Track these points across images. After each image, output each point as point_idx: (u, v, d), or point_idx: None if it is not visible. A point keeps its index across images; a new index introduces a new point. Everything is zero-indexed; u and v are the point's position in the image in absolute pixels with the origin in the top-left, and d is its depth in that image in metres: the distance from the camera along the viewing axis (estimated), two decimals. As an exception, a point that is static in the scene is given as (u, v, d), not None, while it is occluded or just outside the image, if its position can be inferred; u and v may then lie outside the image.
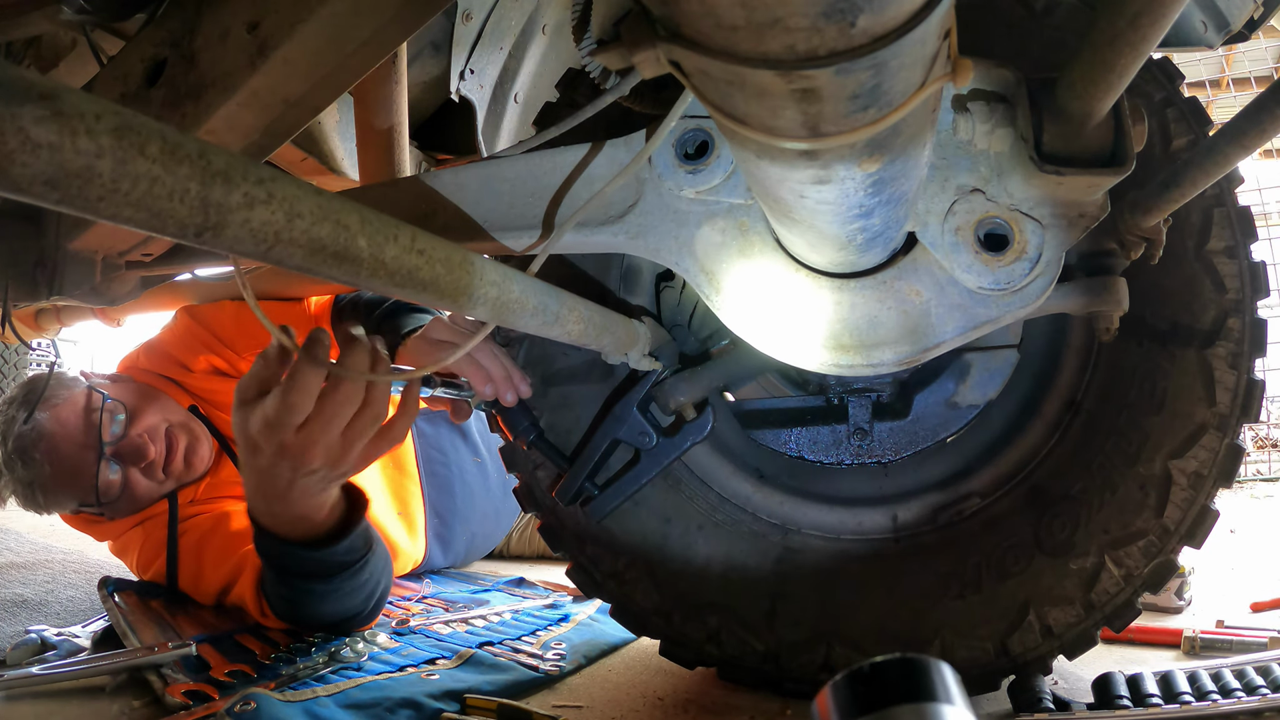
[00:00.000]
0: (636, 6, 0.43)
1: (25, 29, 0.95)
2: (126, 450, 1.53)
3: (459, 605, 1.55)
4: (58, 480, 1.52)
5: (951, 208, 0.74)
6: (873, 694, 0.34)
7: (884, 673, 0.35)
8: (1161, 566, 0.93)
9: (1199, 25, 1.04)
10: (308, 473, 0.95)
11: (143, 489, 1.56)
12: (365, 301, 1.60)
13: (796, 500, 1.06)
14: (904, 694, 0.34)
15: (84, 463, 1.51)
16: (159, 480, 1.57)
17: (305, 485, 0.98)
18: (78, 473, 1.51)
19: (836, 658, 1.00)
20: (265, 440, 0.92)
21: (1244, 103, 0.68)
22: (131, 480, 1.54)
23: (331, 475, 0.97)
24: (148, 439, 1.55)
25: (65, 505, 1.58)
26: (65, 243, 1.17)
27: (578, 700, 1.06)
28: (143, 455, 1.53)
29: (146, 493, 1.57)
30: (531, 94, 1.77)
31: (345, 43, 0.75)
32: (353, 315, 1.62)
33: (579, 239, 0.84)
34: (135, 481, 1.55)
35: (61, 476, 1.52)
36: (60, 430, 1.52)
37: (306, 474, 0.95)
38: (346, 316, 1.65)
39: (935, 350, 0.78)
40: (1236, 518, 2.60)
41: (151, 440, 1.55)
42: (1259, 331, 0.91)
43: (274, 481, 0.98)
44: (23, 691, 1.08)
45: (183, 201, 0.36)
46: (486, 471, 2.03)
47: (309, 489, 1.00)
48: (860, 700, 0.34)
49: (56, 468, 1.51)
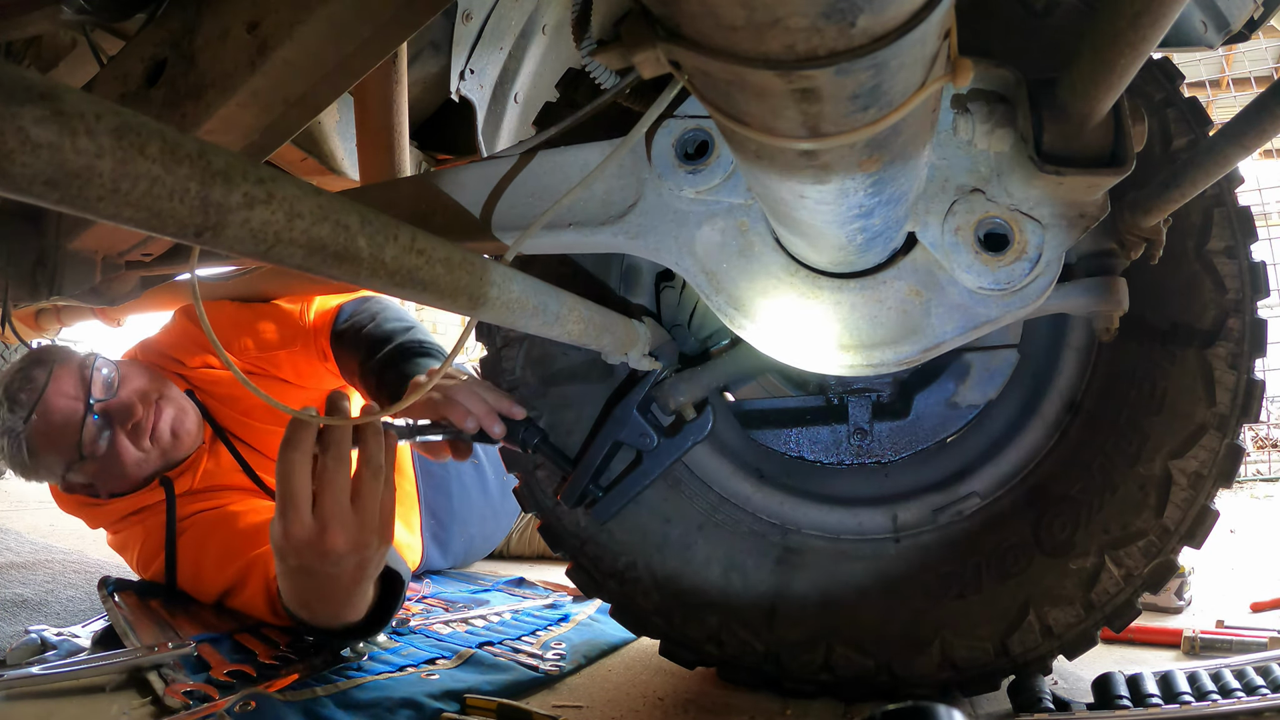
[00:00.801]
0: (636, 6, 0.43)
1: (25, 29, 0.95)
2: (115, 408, 1.54)
3: (459, 605, 1.55)
4: (45, 433, 1.52)
5: (951, 208, 0.74)
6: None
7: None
8: (1161, 566, 0.93)
9: (1199, 25, 1.04)
10: (336, 561, 0.92)
11: (129, 456, 1.55)
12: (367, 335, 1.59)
13: (796, 500, 1.06)
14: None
15: (70, 415, 1.51)
16: (145, 449, 1.56)
17: (338, 578, 0.96)
18: (65, 424, 1.51)
19: (836, 658, 1.00)
20: (284, 542, 0.90)
21: (1244, 103, 0.68)
22: (118, 443, 1.54)
23: (364, 557, 0.94)
24: (136, 400, 1.56)
25: (51, 465, 1.56)
26: (65, 243, 1.17)
27: (578, 700, 1.06)
28: (130, 414, 1.53)
29: (133, 461, 1.56)
30: (531, 94, 1.77)
31: (345, 43, 0.75)
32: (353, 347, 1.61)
33: (579, 238, 0.84)
34: (122, 446, 1.54)
35: (48, 428, 1.51)
36: (53, 384, 1.53)
37: (335, 563, 0.92)
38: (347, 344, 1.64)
39: (935, 350, 0.78)
40: (1236, 518, 2.60)
41: (140, 402, 1.56)
42: (1259, 331, 0.91)
43: (310, 582, 0.97)
44: (23, 691, 1.08)
45: (183, 201, 0.37)
46: (484, 473, 2.02)
47: (343, 582, 0.97)
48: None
49: (44, 417, 1.51)
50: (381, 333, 1.57)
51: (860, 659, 1.00)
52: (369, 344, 1.56)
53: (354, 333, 1.63)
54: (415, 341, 1.49)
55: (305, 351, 1.74)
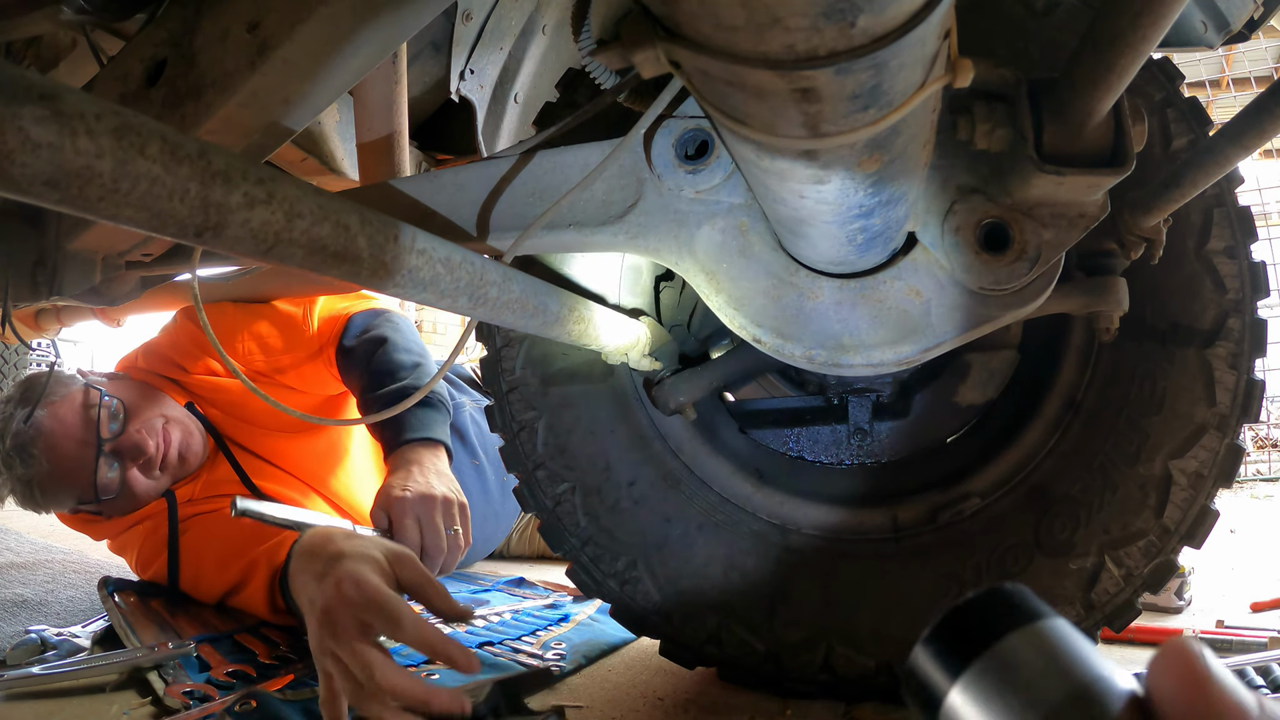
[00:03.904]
0: (636, 6, 0.42)
1: (25, 29, 0.95)
2: (125, 447, 1.53)
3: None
4: (56, 478, 1.52)
5: (951, 208, 0.74)
6: (975, 635, 0.31)
7: (978, 610, 0.32)
8: (1161, 566, 0.93)
9: (1199, 25, 1.04)
10: None
11: (141, 487, 1.56)
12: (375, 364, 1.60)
13: (796, 500, 1.06)
14: (1008, 624, 0.31)
15: (82, 460, 1.51)
16: (155, 477, 1.58)
17: None
18: (76, 470, 1.51)
19: (836, 658, 1.00)
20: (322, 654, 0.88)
21: (1244, 103, 0.68)
22: (129, 478, 1.54)
23: None
24: (145, 435, 1.55)
25: (64, 504, 1.57)
26: (65, 243, 1.17)
27: (578, 700, 1.06)
28: (141, 451, 1.53)
29: (144, 490, 1.57)
30: (531, 94, 1.77)
31: (345, 43, 0.75)
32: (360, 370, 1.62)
33: (579, 239, 0.84)
34: (133, 479, 1.55)
35: (60, 474, 1.51)
36: (59, 428, 1.51)
37: None
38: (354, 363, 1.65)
39: (935, 350, 0.78)
40: (1236, 518, 2.60)
41: (149, 436, 1.55)
42: (1259, 331, 0.91)
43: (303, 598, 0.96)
44: (23, 691, 1.08)
45: (183, 201, 0.37)
46: (484, 473, 2.02)
47: None
48: (965, 646, 0.31)
49: (55, 465, 1.51)
50: (388, 366, 1.60)
51: (860, 659, 1.00)
52: (374, 375, 1.59)
53: (362, 355, 1.65)
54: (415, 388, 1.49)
55: (310, 358, 1.74)
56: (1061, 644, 0.30)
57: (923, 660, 0.32)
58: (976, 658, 0.31)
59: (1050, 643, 0.30)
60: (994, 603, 0.32)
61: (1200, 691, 0.26)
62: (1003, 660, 0.31)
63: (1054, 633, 0.31)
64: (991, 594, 0.32)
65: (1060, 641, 0.31)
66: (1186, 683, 0.26)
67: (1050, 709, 0.29)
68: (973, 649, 0.31)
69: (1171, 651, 0.27)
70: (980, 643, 0.31)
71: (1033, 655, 0.30)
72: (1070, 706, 0.28)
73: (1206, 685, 0.26)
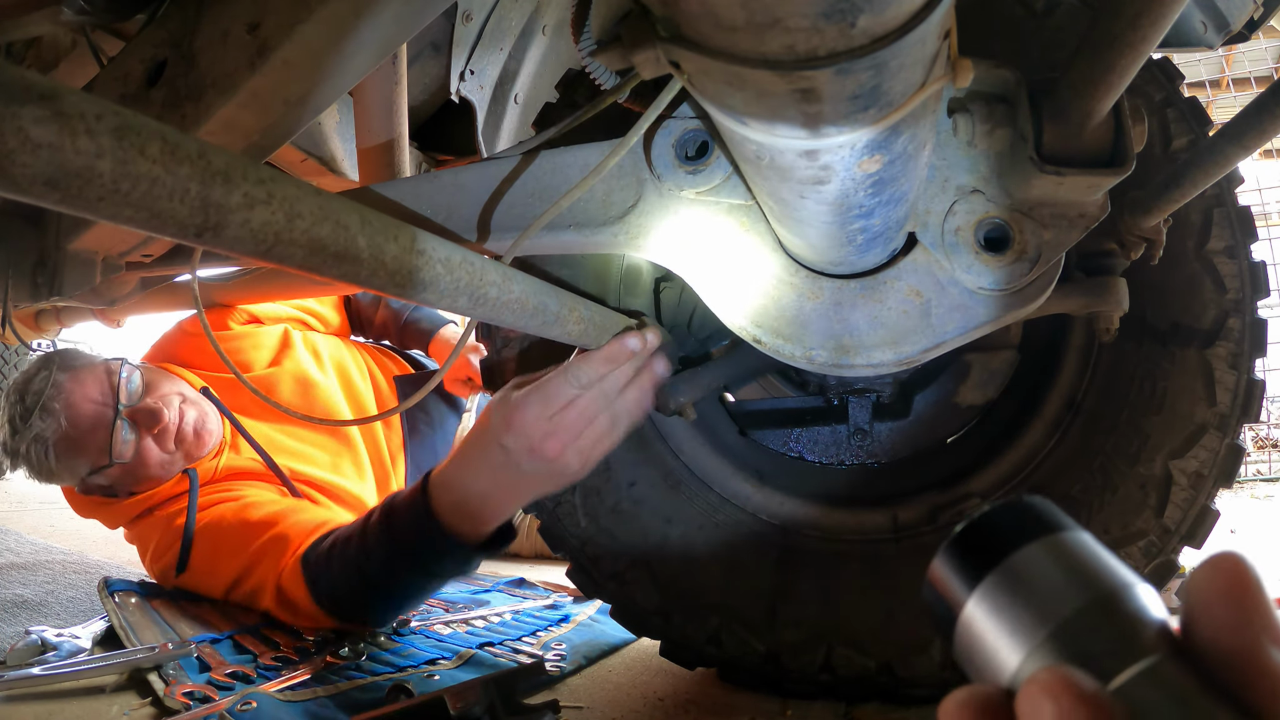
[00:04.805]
0: (636, 7, 0.43)
1: (25, 29, 0.95)
2: (142, 413, 1.57)
3: (459, 606, 1.55)
4: (73, 439, 1.54)
5: (951, 208, 0.74)
6: (993, 547, 0.30)
7: (997, 522, 0.31)
8: (1161, 567, 0.92)
9: (1199, 25, 1.04)
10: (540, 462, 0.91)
11: (154, 458, 1.58)
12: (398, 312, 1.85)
13: (797, 501, 1.06)
14: (1027, 535, 0.30)
15: (100, 420, 1.54)
16: (169, 451, 1.60)
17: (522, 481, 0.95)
18: (94, 429, 1.54)
19: (836, 658, 1.00)
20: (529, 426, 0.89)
21: (1244, 103, 0.68)
22: (144, 447, 1.57)
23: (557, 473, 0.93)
24: (163, 404, 1.59)
25: (77, 469, 1.58)
26: (65, 243, 1.17)
27: (578, 700, 1.05)
28: (157, 419, 1.57)
29: (157, 462, 1.59)
30: (531, 94, 1.78)
31: (345, 43, 0.75)
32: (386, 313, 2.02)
33: (579, 239, 0.84)
34: (147, 449, 1.58)
35: (77, 434, 1.54)
36: (80, 389, 1.55)
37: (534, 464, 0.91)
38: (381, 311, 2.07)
39: (936, 350, 0.78)
40: (1236, 518, 2.60)
41: (166, 407, 1.59)
42: (1259, 331, 0.91)
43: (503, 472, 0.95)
44: (23, 692, 1.08)
45: (183, 202, 0.37)
46: None
47: (525, 486, 0.96)
48: (983, 557, 0.30)
49: (73, 423, 1.53)
50: None
51: (860, 659, 1.00)
52: None
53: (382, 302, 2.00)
54: None
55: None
56: (1082, 555, 0.29)
57: (941, 572, 0.31)
58: (992, 569, 0.30)
59: (1070, 554, 0.29)
60: (1014, 514, 0.31)
61: (1249, 596, 0.26)
62: (1019, 571, 0.29)
63: (1074, 544, 0.29)
64: (1011, 506, 0.31)
65: (1080, 553, 0.29)
66: (1235, 587, 0.26)
67: (1063, 620, 0.27)
68: (990, 560, 0.30)
69: (1219, 560, 0.26)
70: (998, 554, 0.30)
71: (1050, 567, 0.29)
72: (1084, 617, 0.27)
73: (1256, 592, 0.26)
